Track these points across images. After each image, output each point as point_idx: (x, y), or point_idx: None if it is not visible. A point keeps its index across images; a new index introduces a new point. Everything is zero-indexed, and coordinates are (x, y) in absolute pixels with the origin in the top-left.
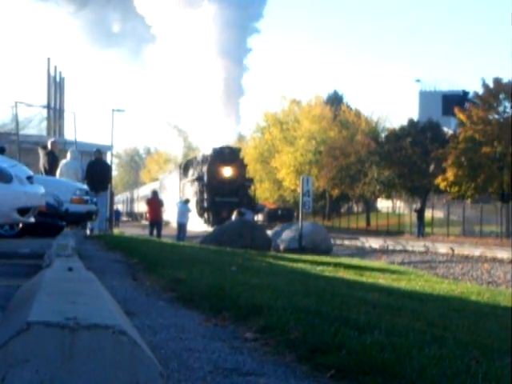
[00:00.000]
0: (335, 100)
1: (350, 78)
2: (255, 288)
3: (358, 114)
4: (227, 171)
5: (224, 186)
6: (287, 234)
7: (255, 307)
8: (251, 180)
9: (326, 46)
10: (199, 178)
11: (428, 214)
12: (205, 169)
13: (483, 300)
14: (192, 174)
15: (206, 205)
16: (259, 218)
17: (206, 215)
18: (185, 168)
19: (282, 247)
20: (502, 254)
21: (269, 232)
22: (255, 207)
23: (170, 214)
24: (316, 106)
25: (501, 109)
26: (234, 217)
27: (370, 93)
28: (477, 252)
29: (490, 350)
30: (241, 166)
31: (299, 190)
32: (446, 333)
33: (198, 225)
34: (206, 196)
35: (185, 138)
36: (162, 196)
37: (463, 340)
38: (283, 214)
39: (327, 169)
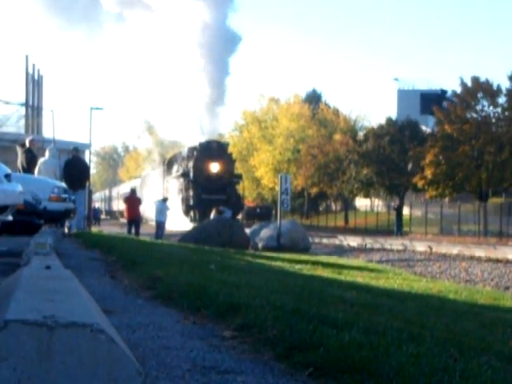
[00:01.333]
0: (314, 98)
1: (329, 76)
2: (233, 286)
3: (336, 113)
4: (214, 167)
5: (211, 182)
6: (265, 233)
7: (233, 305)
8: (239, 176)
9: (305, 45)
10: (184, 175)
11: (406, 212)
12: (191, 164)
13: (461, 298)
14: (177, 170)
15: (191, 202)
16: (238, 216)
17: (192, 213)
18: (168, 164)
19: (260, 245)
20: (480, 252)
21: (247, 230)
22: (243, 205)
23: (151, 213)
24: (294, 105)
25: (479, 107)
26: (212, 215)
27: (349, 91)
28: (455, 250)
29: (468, 348)
30: (229, 161)
31: (277, 188)
32: (423, 331)
33: (183, 224)
34: (191, 193)
35: (157, 137)
36: (145, 194)
37: (441, 338)
38: (262, 212)
39: (305, 167)
